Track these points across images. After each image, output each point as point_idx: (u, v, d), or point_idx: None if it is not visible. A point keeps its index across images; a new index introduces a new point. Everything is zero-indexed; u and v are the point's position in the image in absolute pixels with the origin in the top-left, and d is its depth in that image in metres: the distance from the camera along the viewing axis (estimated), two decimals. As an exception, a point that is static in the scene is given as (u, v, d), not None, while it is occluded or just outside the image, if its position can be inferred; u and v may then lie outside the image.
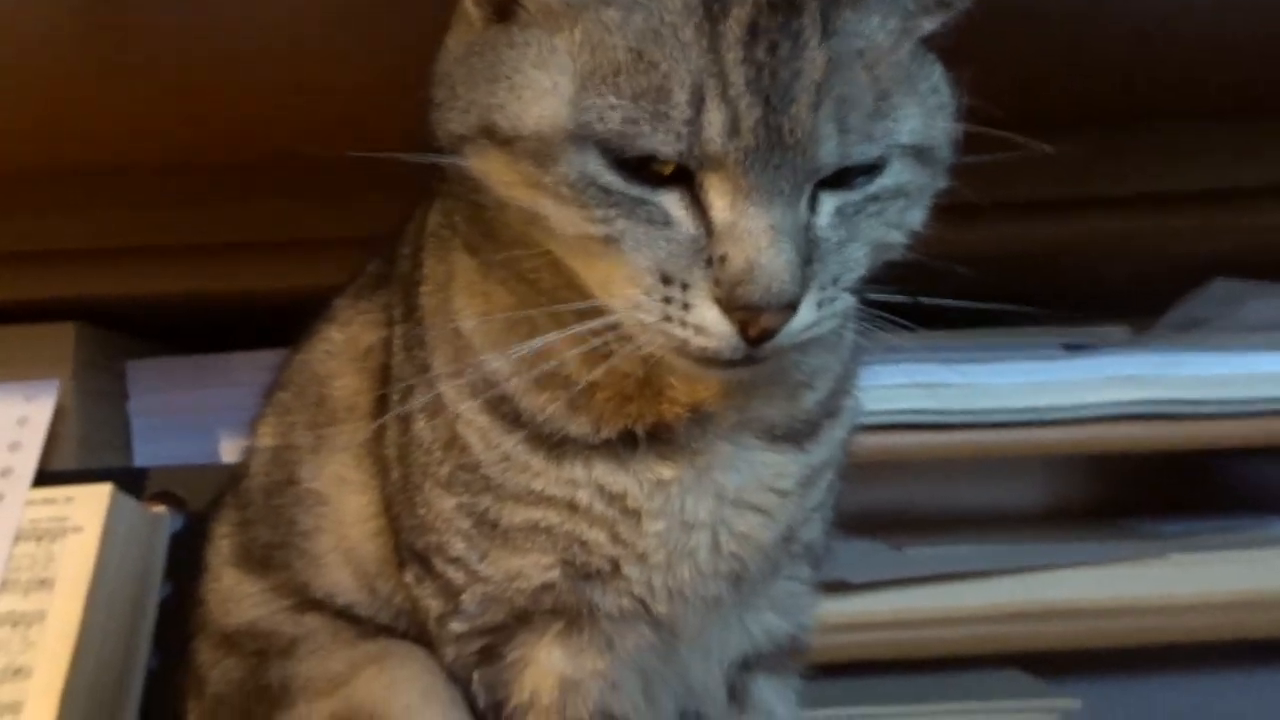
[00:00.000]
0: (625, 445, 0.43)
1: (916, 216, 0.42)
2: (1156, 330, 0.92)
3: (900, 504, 1.13)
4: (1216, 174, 0.85)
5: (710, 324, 0.37)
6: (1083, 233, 0.87)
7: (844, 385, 0.49)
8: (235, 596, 0.50)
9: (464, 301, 0.45)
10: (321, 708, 0.44)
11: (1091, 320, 0.89)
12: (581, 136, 0.37)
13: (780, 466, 0.46)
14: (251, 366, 0.80)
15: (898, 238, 0.42)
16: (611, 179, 0.37)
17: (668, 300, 0.38)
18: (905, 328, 0.45)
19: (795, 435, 0.47)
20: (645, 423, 0.44)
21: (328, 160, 0.62)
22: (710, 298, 0.37)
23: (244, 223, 0.86)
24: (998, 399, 0.83)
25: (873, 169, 0.39)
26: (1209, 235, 0.88)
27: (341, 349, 0.52)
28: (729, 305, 0.37)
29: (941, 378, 0.84)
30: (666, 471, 0.44)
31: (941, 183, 0.43)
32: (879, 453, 0.84)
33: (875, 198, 0.40)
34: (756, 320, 0.37)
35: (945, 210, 0.44)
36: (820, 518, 0.50)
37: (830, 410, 0.48)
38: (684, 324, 0.38)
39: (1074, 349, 0.86)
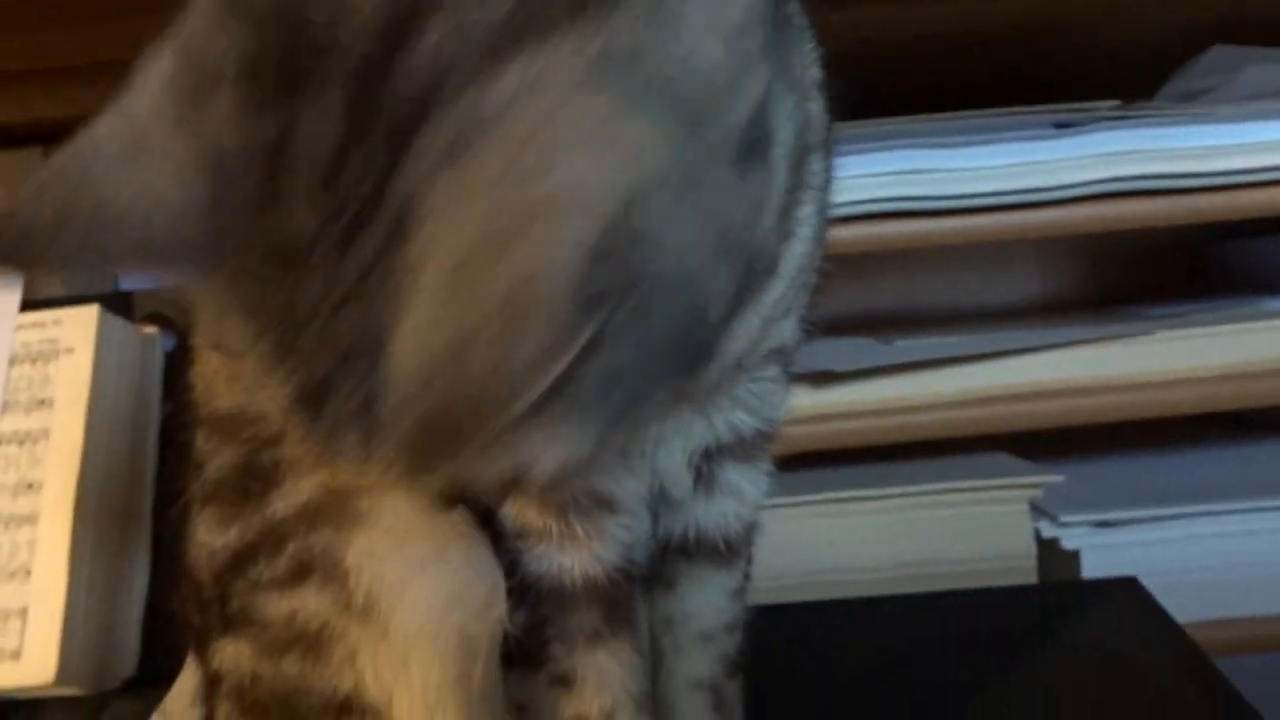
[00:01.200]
0: None
1: None
2: (1153, 103, 0.90)
3: (891, 303, 1.13)
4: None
5: None
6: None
7: (794, 198, 0.41)
8: (222, 378, 0.50)
9: None
10: (307, 483, 0.46)
11: (1084, 96, 0.86)
12: None
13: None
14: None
15: None
16: None
17: None
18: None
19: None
20: None
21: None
22: None
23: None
24: (987, 182, 0.82)
25: None
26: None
27: None
28: None
29: (929, 163, 0.82)
30: None
31: None
32: (868, 243, 0.83)
33: None
34: None
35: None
36: (793, 317, 0.46)
37: (784, 234, 0.42)
38: None
39: (1065, 127, 0.83)
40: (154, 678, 0.66)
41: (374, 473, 0.29)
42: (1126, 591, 0.73)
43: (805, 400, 0.84)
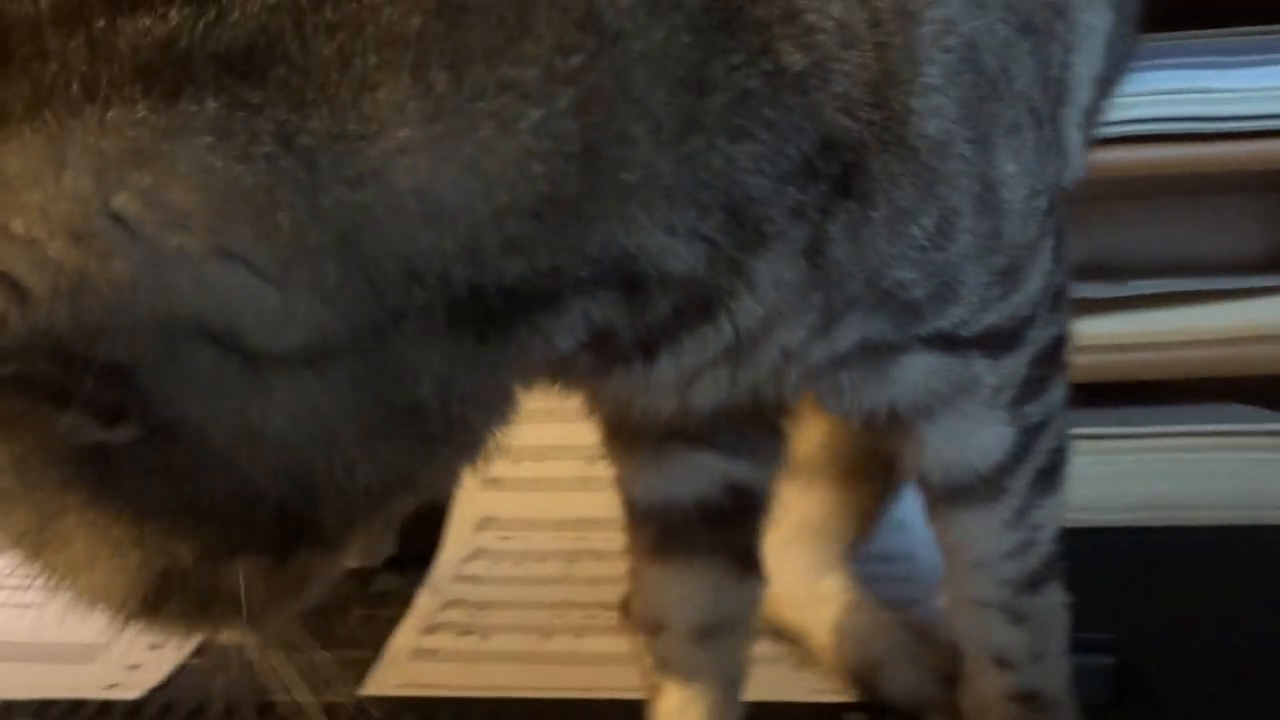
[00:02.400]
0: None
1: None
2: None
3: (1115, 256, 1.06)
4: None
5: None
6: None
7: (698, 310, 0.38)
8: None
9: None
10: None
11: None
12: None
13: None
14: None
15: None
16: None
17: None
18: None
19: None
20: None
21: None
22: None
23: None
24: (1243, 105, 0.78)
25: None
26: None
27: None
28: None
29: (1185, 83, 0.79)
30: None
31: None
32: (1119, 168, 0.79)
33: None
34: None
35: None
36: (863, 318, 0.39)
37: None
38: None
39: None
40: (411, 556, 0.67)
41: None
42: None
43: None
